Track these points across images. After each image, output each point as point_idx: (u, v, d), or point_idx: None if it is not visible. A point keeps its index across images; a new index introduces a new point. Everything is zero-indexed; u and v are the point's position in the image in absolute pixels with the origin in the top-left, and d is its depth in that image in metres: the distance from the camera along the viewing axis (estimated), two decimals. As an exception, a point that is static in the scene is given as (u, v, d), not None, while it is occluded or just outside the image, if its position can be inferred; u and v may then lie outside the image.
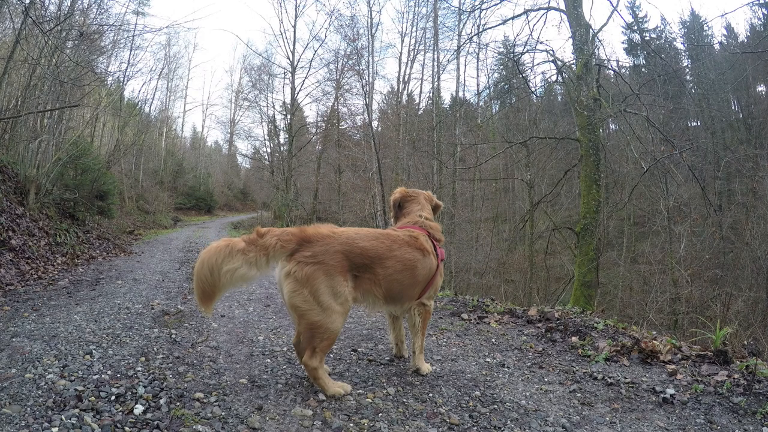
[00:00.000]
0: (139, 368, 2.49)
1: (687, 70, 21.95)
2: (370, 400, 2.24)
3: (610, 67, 10.19)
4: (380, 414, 2.11)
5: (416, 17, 22.37)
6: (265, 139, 27.48)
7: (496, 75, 23.35)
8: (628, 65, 19.74)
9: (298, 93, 22.86)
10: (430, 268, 2.56)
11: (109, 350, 2.79)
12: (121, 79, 20.91)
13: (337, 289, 2.21)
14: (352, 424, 1.98)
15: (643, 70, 18.84)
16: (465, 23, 15.60)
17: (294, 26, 22.12)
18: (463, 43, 14.54)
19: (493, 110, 21.37)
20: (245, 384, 2.36)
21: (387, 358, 2.91)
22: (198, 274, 2.16)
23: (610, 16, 21.68)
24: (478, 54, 21.06)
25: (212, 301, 2.21)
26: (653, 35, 21.91)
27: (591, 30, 9.08)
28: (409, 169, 17.92)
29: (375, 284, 2.37)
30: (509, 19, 10.38)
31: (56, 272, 5.89)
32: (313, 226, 2.37)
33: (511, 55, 10.44)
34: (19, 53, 8.13)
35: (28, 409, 1.92)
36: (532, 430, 2.05)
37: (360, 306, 2.54)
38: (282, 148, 24.67)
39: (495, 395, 2.40)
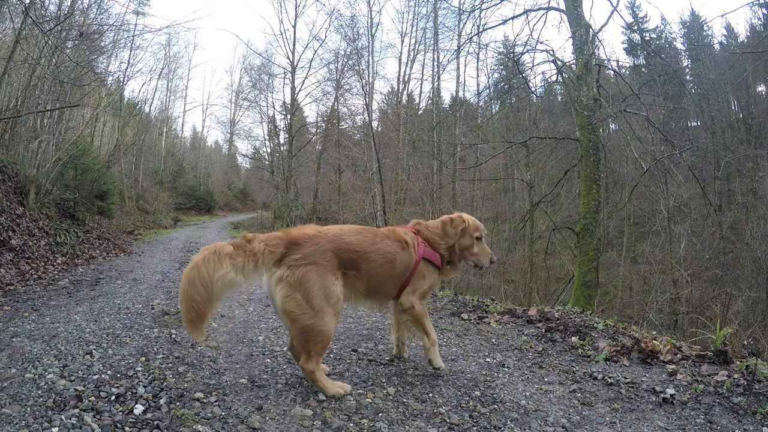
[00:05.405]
0: (139, 368, 2.49)
1: (687, 70, 21.94)
2: (370, 400, 2.24)
3: (610, 67, 10.19)
4: (380, 414, 2.11)
5: (416, 17, 22.45)
6: (265, 139, 27.54)
7: (496, 75, 23.37)
8: (628, 65, 19.77)
9: (298, 93, 22.89)
10: (407, 262, 2.54)
11: (109, 350, 2.79)
12: (121, 79, 20.96)
13: (330, 289, 2.21)
14: (352, 424, 1.98)
15: (643, 70, 18.82)
16: (465, 23, 15.61)
17: (294, 26, 22.14)
18: (463, 43, 14.55)
19: (493, 110, 21.35)
20: (245, 384, 2.36)
21: (387, 358, 2.91)
22: (188, 293, 2.03)
23: (610, 16, 21.65)
24: (478, 54, 21.08)
25: (204, 322, 2.11)
26: (653, 35, 21.96)
27: (591, 30, 9.07)
28: (409, 169, 17.93)
29: (358, 279, 2.39)
30: (509, 19, 10.38)
31: (56, 272, 5.89)
32: (297, 228, 2.35)
33: (511, 55, 10.42)
34: (19, 53, 8.13)
35: (28, 409, 1.92)
36: (532, 430, 2.05)
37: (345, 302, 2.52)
38: (282, 148, 24.68)
39: (495, 395, 2.40)
